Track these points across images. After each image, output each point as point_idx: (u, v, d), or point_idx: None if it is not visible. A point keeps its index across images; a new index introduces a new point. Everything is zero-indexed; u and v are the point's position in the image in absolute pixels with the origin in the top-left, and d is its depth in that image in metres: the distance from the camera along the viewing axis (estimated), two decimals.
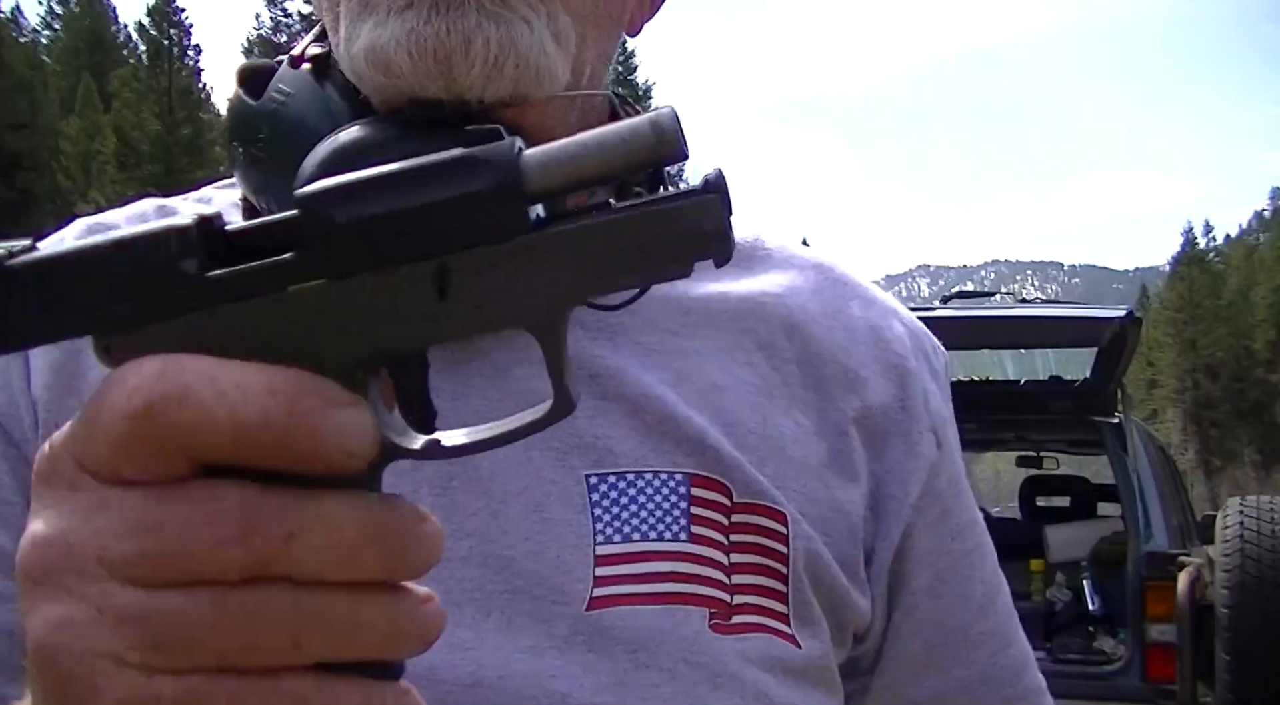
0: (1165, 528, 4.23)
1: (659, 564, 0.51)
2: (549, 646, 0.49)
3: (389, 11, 0.48)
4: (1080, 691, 4.09)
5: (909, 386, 0.58)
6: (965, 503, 0.62)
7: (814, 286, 0.60)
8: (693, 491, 0.52)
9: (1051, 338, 4.66)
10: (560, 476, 0.51)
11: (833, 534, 0.55)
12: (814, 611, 0.54)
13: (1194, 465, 39.88)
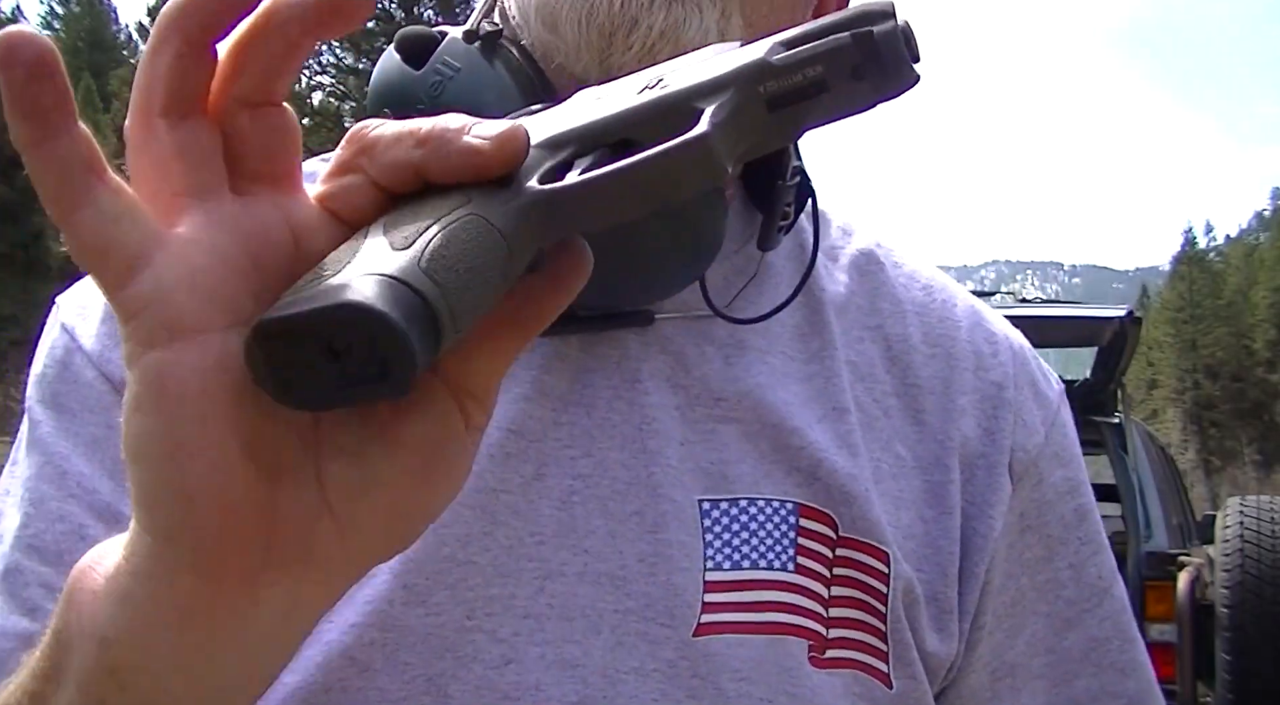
0: (1165, 528, 4.23)
1: (764, 593, 0.51)
2: (654, 670, 0.49)
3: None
4: None
5: (1002, 415, 0.57)
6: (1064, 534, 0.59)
7: (919, 310, 0.59)
8: (801, 522, 0.52)
9: (1051, 338, 4.65)
10: (678, 497, 0.51)
11: (927, 571, 0.54)
12: (910, 652, 0.53)
13: (1194, 465, 39.86)
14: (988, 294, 6.36)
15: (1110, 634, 0.60)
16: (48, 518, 0.50)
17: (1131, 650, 0.61)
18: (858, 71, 0.31)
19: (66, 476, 0.50)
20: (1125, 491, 4.34)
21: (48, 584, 0.48)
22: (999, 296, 6.46)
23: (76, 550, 0.43)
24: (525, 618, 0.49)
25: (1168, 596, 3.91)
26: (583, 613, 0.49)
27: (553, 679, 0.48)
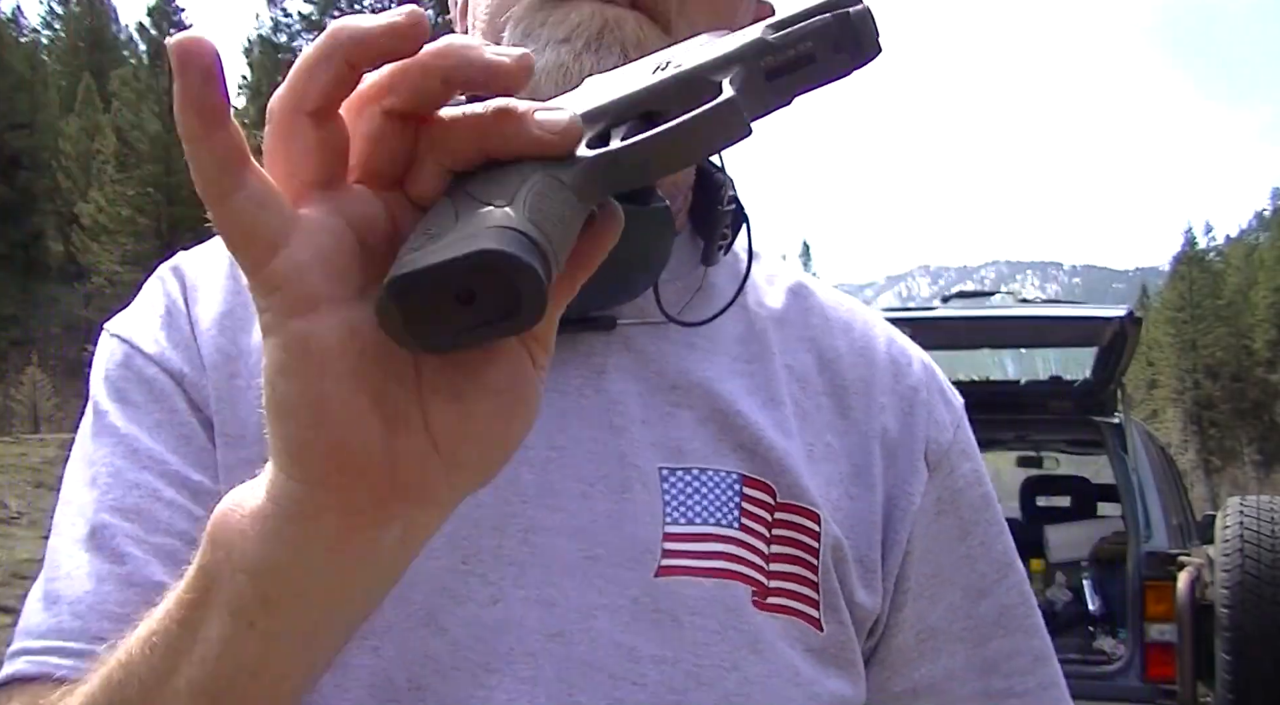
0: (1165, 527, 4.22)
1: (714, 544, 0.60)
2: (621, 605, 0.58)
3: (548, 43, 0.58)
4: (1080, 691, 4.07)
5: (916, 412, 0.68)
6: (973, 516, 0.69)
7: (845, 327, 0.70)
8: (744, 490, 0.61)
9: (1051, 338, 4.67)
10: (642, 465, 0.60)
11: (854, 536, 0.64)
12: (838, 601, 0.62)
13: (1194, 465, 39.84)
14: (988, 294, 6.35)
15: (1016, 601, 0.70)
16: (125, 485, 0.58)
17: (1034, 615, 0.71)
18: (838, 45, 0.37)
19: (138, 452, 0.59)
20: (1125, 491, 4.34)
21: (132, 536, 0.56)
22: (999, 296, 6.45)
23: (153, 509, 0.56)
24: (510, 564, 0.57)
25: (1168, 596, 3.91)
26: (559, 560, 0.58)
27: (534, 614, 0.57)
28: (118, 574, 0.55)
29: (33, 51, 43.63)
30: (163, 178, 27.71)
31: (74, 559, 0.57)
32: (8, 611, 9.07)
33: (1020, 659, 0.69)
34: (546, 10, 0.59)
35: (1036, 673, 0.70)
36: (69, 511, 0.59)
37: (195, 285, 0.65)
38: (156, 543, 0.56)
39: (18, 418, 22.54)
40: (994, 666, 0.68)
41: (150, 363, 0.62)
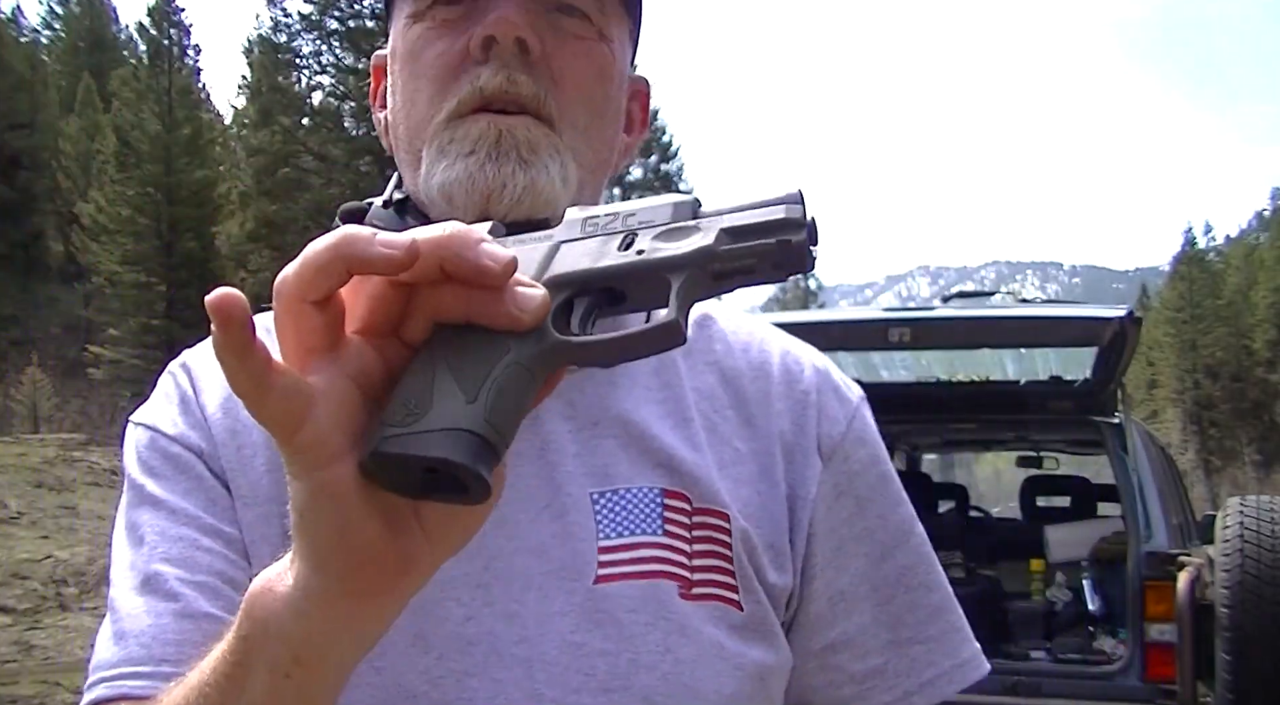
0: (1165, 528, 4.22)
1: (642, 551, 0.71)
2: (570, 610, 0.69)
3: (458, 156, 0.71)
4: (1080, 691, 4.09)
5: (807, 414, 0.78)
6: (869, 494, 0.79)
7: (743, 348, 0.81)
8: (665, 501, 0.73)
9: (1051, 338, 4.64)
10: (575, 492, 0.72)
11: (762, 526, 0.75)
12: (753, 583, 0.73)
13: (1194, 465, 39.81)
14: (988, 294, 6.34)
15: (915, 562, 0.80)
16: (169, 539, 0.69)
17: (934, 573, 0.81)
18: (777, 264, 0.47)
19: (176, 513, 0.71)
20: (1125, 491, 4.34)
21: (180, 578, 0.68)
22: (999, 296, 6.44)
23: (194, 555, 0.68)
24: (478, 587, 0.69)
25: (1168, 596, 3.91)
26: (518, 577, 0.69)
27: (502, 626, 0.68)
28: (173, 609, 0.67)
29: (33, 51, 43.60)
30: (163, 178, 27.66)
31: (133, 603, 0.68)
32: (7, 611, 9.06)
33: (922, 611, 0.79)
34: (452, 129, 0.72)
35: (938, 621, 0.80)
36: (123, 568, 0.71)
37: (200, 377, 0.77)
38: (200, 581, 0.68)
39: (18, 418, 22.51)
40: (899, 619, 0.78)
41: (173, 442, 0.74)
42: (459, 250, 0.44)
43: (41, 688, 6.59)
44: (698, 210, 0.50)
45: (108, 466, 16.45)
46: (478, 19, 0.72)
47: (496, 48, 0.71)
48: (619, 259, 0.48)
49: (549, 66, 0.73)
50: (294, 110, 26.43)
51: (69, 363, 28.82)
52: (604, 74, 0.76)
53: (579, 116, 0.74)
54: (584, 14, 0.75)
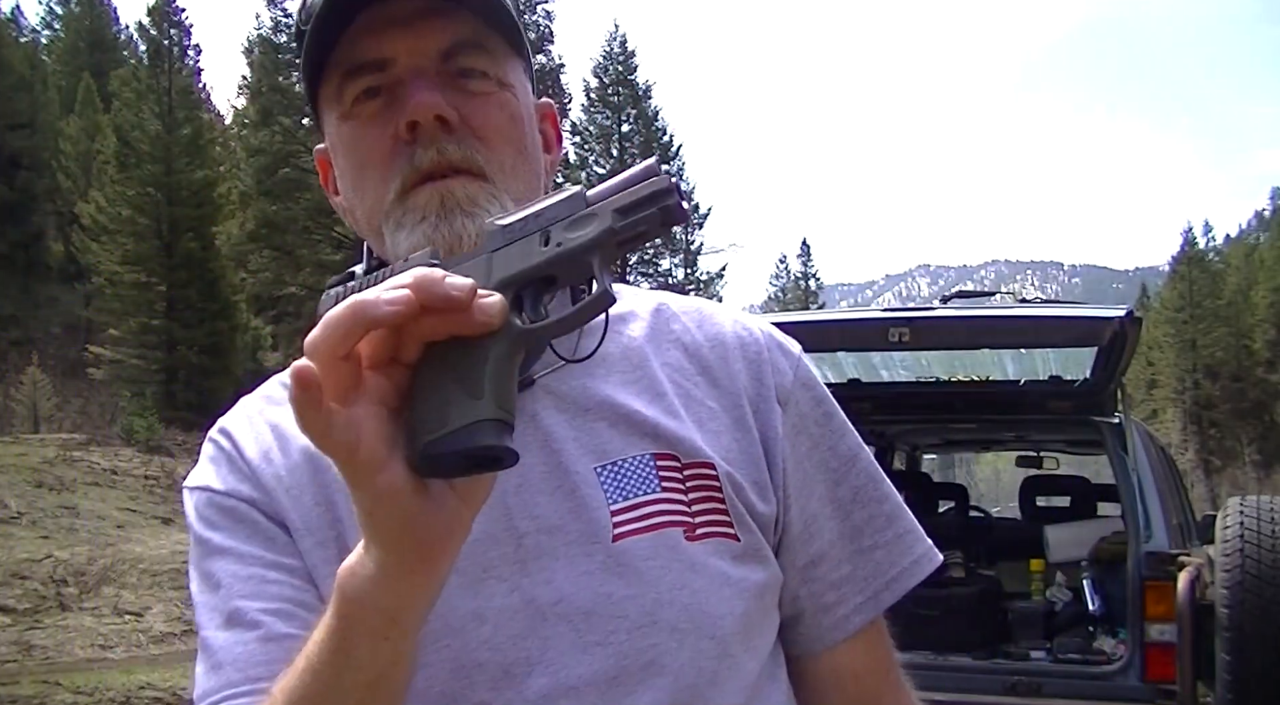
0: (1165, 528, 4.21)
1: (646, 508, 0.83)
2: (596, 569, 0.81)
3: (414, 225, 0.84)
4: (1080, 691, 4.09)
5: (763, 368, 0.91)
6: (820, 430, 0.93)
7: (698, 324, 0.94)
8: (657, 464, 0.85)
9: (1051, 338, 4.64)
10: (581, 470, 0.84)
11: (744, 467, 0.87)
12: (744, 516, 0.86)
13: (1194, 465, 39.80)
14: (988, 294, 6.34)
15: (865, 481, 0.94)
16: (241, 579, 0.81)
17: (883, 486, 0.95)
18: (662, 223, 0.62)
19: (243, 557, 0.83)
20: (1125, 491, 4.33)
21: (258, 608, 0.80)
22: (999, 296, 6.45)
23: (265, 588, 0.81)
24: (515, 563, 0.81)
25: (1168, 596, 3.90)
26: (546, 551, 0.82)
27: (540, 591, 0.81)
28: (257, 636, 0.79)
29: (33, 51, 43.57)
30: (163, 178, 27.64)
31: (222, 638, 0.80)
32: (7, 611, 9.06)
33: (877, 520, 0.93)
34: (403, 204, 0.84)
35: (893, 526, 0.94)
36: (205, 612, 0.82)
37: (238, 436, 0.89)
38: (275, 607, 0.80)
39: (18, 418, 22.49)
40: (859, 530, 0.93)
41: (226, 497, 0.86)
42: (430, 289, 0.57)
43: (41, 688, 6.60)
44: (587, 198, 0.64)
45: (108, 466, 16.45)
46: (396, 108, 0.84)
47: (420, 128, 0.83)
48: (545, 254, 0.63)
49: (469, 127, 0.85)
50: (294, 110, 26.42)
51: (69, 363, 28.81)
52: (515, 117, 0.89)
53: (505, 159, 0.87)
54: (482, 72, 0.87)
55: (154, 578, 10.47)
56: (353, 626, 0.64)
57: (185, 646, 8.25)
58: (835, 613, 0.92)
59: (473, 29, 0.86)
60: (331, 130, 0.89)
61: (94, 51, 44.33)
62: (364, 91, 0.86)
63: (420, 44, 0.84)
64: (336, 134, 0.89)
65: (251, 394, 0.94)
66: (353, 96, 0.86)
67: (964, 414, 5.21)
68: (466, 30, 0.86)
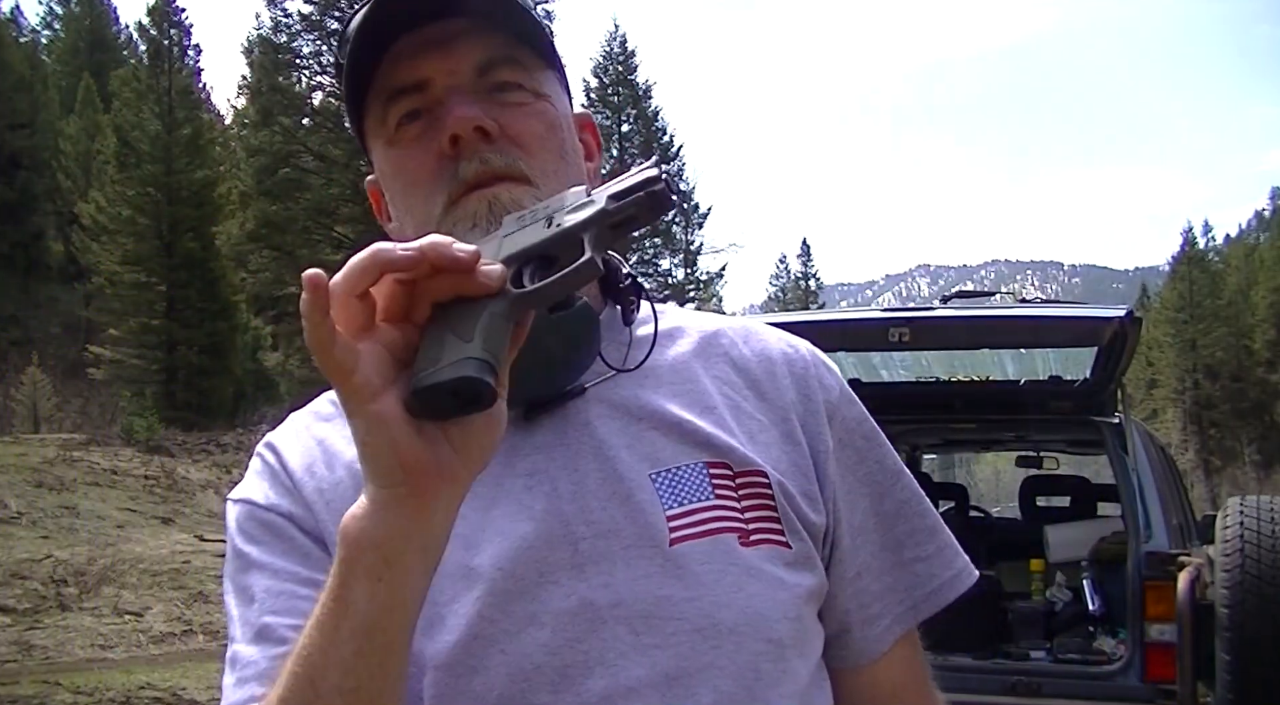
0: (1165, 528, 4.21)
1: (701, 514, 0.85)
2: (654, 572, 0.82)
3: (465, 232, 0.85)
4: (1080, 691, 4.09)
5: (810, 384, 0.95)
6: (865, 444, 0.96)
7: (744, 338, 0.97)
8: (710, 472, 0.87)
9: (1051, 338, 4.64)
10: (636, 476, 0.86)
11: (794, 478, 0.89)
12: (796, 525, 0.88)
13: (1194, 465, 39.79)
14: (988, 294, 6.34)
15: (908, 497, 0.97)
16: (273, 595, 0.83)
17: (924, 502, 0.99)
18: (651, 209, 0.68)
19: (277, 573, 0.85)
20: (1125, 491, 4.33)
21: (287, 625, 0.81)
22: (999, 296, 6.45)
23: (296, 605, 0.81)
24: (572, 568, 0.83)
25: (1168, 596, 3.90)
26: (604, 555, 0.83)
27: (599, 595, 0.82)
28: (283, 652, 0.78)
29: (33, 51, 43.56)
30: (163, 178, 27.63)
31: (250, 652, 0.82)
32: (7, 611, 9.05)
33: (919, 534, 0.97)
34: (453, 215, 0.87)
35: (934, 540, 0.98)
36: (239, 624, 0.85)
37: (285, 451, 0.91)
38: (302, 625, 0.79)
39: (18, 418, 22.50)
40: (900, 543, 0.96)
41: (266, 511, 0.88)
42: (439, 249, 0.63)
43: (41, 688, 6.59)
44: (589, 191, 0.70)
45: (108, 466, 16.44)
46: (440, 125, 0.87)
47: (462, 141, 0.86)
48: (546, 234, 0.69)
49: (508, 136, 0.88)
50: (294, 110, 26.43)
51: (69, 363, 28.79)
52: (553, 124, 0.92)
53: (547, 165, 0.89)
54: (517, 84, 0.90)
55: (154, 578, 10.46)
56: (350, 569, 0.66)
57: (185, 646, 8.24)
58: (878, 624, 0.94)
59: (505, 45, 0.90)
60: (380, 158, 0.93)
61: (94, 51, 44.32)
62: (406, 115, 0.89)
63: (455, 63, 0.88)
64: (385, 160, 0.92)
65: (302, 409, 0.96)
66: (395, 120, 0.89)
67: (964, 414, 5.21)
68: (499, 46, 0.89)
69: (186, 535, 13.02)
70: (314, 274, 0.62)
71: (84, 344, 29.40)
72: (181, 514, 14.86)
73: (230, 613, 0.86)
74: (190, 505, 15.50)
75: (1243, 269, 55.24)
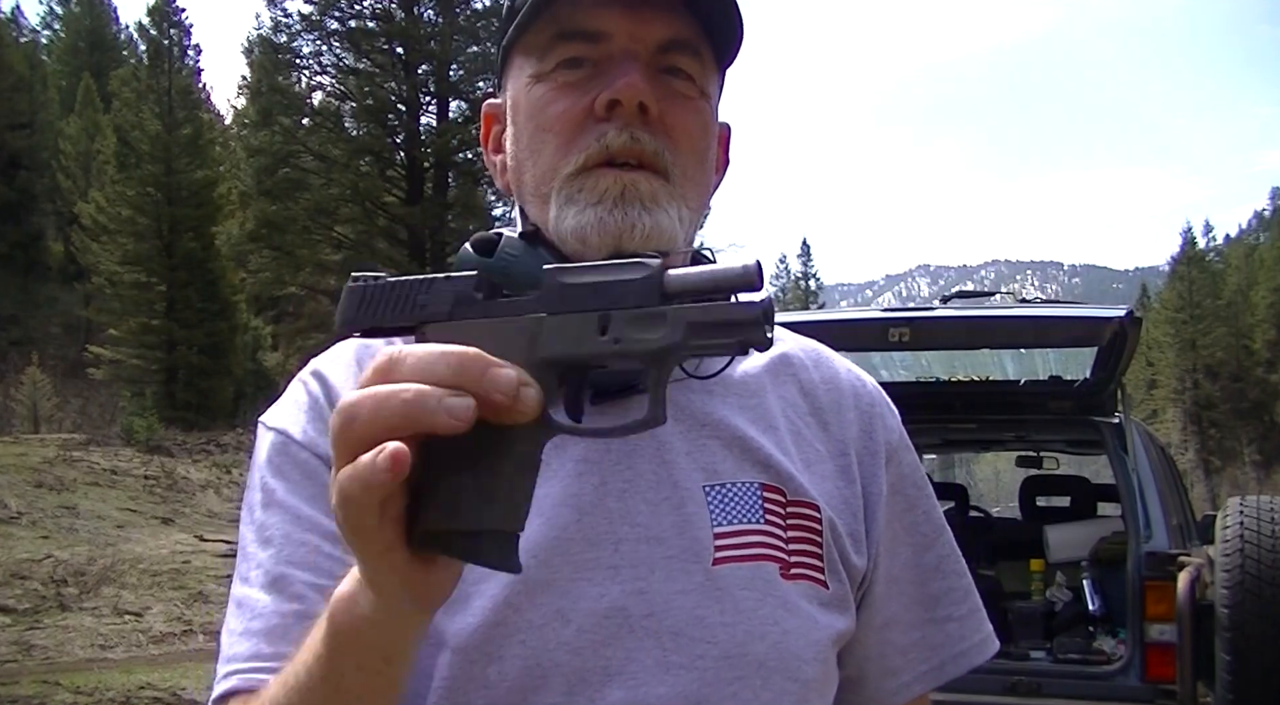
0: (1165, 528, 4.21)
1: (749, 537, 0.82)
2: (692, 589, 0.79)
3: (586, 204, 0.81)
4: (1080, 691, 4.09)
5: (874, 422, 0.92)
6: (916, 493, 0.93)
7: (814, 364, 0.94)
8: (764, 494, 0.84)
9: (1051, 338, 4.63)
10: (690, 486, 0.82)
11: (844, 516, 0.87)
12: (837, 566, 0.85)
13: (1194, 465, 39.77)
14: (988, 294, 6.34)
15: (949, 553, 0.94)
16: (294, 543, 0.79)
17: (961, 562, 0.96)
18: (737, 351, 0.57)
19: (301, 519, 0.80)
20: (1125, 491, 4.33)
21: (305, 581, 0.78)
22: (999, 297, 6.44)
23: (317, 561, 0.78)
24: (609, 568, 0.79)
25: (1168, 596, 3.90)
26: (644, 561, 0.79)
27: (632, 602, 0.78)
28: (297, 611, 0.76)
29: (33, 51, 43.58)
30: (163, 178, 27.62)
31: (263, 601, 0.78)
32: (7, 611, 9.05)
33: (955, 593, 0.94)
34: (580, 181, 0.82)
35: (967, 602, 0.94)
36: (251, 566, 0.80)
37: (331, 382, 0.86)
38: (323, 584, 0.76)
39: (18, 418, 22.49)
40: (936, 600, 0.93)
41: (302, 449, 0.83)
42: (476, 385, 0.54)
43: (41, 688, 6.59)
44: (663, 283, 0.57)
45: (108, 466, 16.44)
46: (597, 83, 0.82)
47: (619, 109, 0.81)
48: (601, 346, 0.57)
49: (663, 123, 0.83)
50: (294, 110, 26.40)
51: (69, 363, 28.80)
52: (706, 129, 0.87)
53: (689, 166, 0.85)
54: (689, 75, 0.85)
55: (154, 578, 10.46)
56: (345, 658, 0.63)
57: (185, 646, 8.24)
58: (898, 678, 0.91)
59: (693, 31, 0.85)
60: (519, 88, 0.86)
61: (94, 51, 44.32)
62: (569, 59, 0.83)
63: (641, 30, 0.83)
64: (524, 92, 0.86)
65: (351, 340, 0.88)
66: (558, 59, 0.84)
67: (964, 414, 5.20)
68: (687, 31, 0.84)
69: (186, 535, 13.02)
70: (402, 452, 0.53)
71: (84, 344, 29.40)
72: (181, 514, 14.86)
73: (244, 545, 0.82)
74: (190, 505, 15.50)
75: (1243, 269, 55.24)
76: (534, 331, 0.58)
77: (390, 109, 26.35)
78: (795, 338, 0.97)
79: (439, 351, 0.55)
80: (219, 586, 9.89)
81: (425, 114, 26.29)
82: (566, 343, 0.57)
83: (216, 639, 0.83)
